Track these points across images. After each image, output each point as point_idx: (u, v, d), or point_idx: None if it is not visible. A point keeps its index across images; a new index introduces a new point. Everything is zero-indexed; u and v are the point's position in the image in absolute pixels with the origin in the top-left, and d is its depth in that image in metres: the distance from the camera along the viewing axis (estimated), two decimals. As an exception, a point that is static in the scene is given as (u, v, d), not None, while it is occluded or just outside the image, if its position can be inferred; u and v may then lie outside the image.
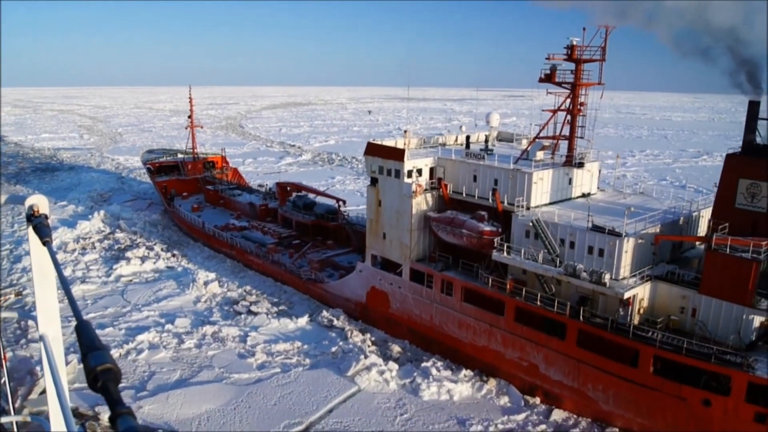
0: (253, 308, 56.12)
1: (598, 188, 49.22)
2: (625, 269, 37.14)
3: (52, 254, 5.44)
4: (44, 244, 5.64)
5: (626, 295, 35.72)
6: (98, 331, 50.00)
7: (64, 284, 4.78)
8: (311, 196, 72.98)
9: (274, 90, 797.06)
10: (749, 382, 32.32)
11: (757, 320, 34.83)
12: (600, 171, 50.07)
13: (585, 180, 47.14)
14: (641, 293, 37.07)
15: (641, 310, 37.40)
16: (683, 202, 45.32)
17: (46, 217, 6.00)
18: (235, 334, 50.65)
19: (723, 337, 34.70)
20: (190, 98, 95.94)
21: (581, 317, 37.20)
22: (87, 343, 3.53)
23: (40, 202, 6.09)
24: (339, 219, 66.08)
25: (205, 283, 61.18)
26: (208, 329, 51.35)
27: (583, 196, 47.10)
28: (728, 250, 34.23)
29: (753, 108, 37.68)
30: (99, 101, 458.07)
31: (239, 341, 49.63)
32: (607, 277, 35.99)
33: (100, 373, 3.30)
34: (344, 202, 67.85)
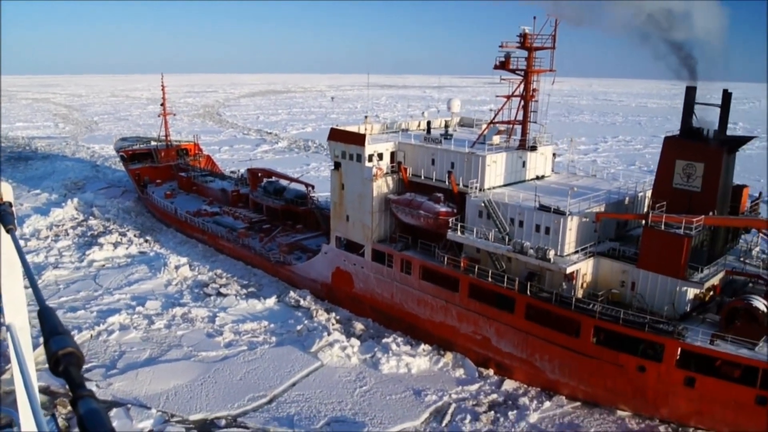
0: (223, 290, 57.77)
1: (552, 171, 51.32)
2: (569, 246, 39.29)
3: (16, 242, 5.38)
4: (8, 231, 5.51)
5: (569, 270, 37.93)
6: (69, 314, 51.20)
7: (28, 271, 4.76)
8: (282, 181, 74.49)
9: (254, 78, 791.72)
10: (680, 349, 34.73)
11: (691, 292, 37.22)
12: (555, 154, 52.16)
13: (539, 163, 49.19)
14: (584, 268, 39.29)
15: (584, 284, 39.64)
16: (631, 183, 47.59)
17: (11, 205, 5.89)
18: (204, 315, 52.25)
19: (659, 308, 37.05)
20: (162, 86, 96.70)
21: (529, 292, 39.35)
22: (49, 328, 3.51)
23: (3, 189, 5.98)
24: (308, 204, 67.70)
25: (176, 267, 62.58)
26: (178, 311, 52.89)
27: (537, 178, 49.17)
28: (663, 226, 36.49)
29: (690, 93, 39.92)
30: (75, 89, 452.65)
31: (208, 321, 51.25)
32: (551, 254, 38.13)
33: (62, 357, 3.30)
34: (313, 187, 69.42)
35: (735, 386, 33.51)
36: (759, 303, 34.14)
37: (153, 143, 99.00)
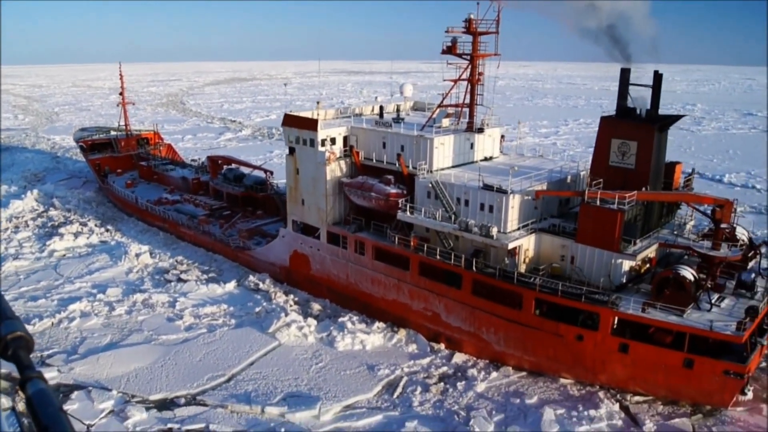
0: (183, 276, 58.70)
1: (501, 152, 53.11)
2: (512, 223, 41.13)
3: None
4: None
5: (511, 246, 39.80)
6: (30, 303, 51.74)
7: None
8: (244, 169, 75.29)
9: (219, 65, 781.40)
10: (617, 318, 36.87)
11: (626, 264, 39.35)
12: (503, 136, 53.92)
13: (487, 145, 50.91)
14: (526, 244, 41.20)
15: (527, 260, 41.58)
16: (573, 162, 49.63)
17: None
18: (164, 300, 53.15)
19: (596, 280, 39.14)
20: (120, 75, 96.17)
21: (474, 268, 41.14)
22: None
23: None
24: (268, 190, 68.72)
25: (137, 255, 63.17)
26: (139, 297, 53.71)
27: (486, 159, 50.91)
28: (599, 202, 38.49)
29: (624, 75, 41.88)
30: (35, 80, 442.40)
31: (168, 306, 52.20)
32: (494, 231, 39.92)
33: (10, 341, 3.30)
34: (272, 173, 70.40)
35: (665, 351, 35.79)
36: (686, 272, 36.35)
37: (113, 133, 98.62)
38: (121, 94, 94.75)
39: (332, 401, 38.50)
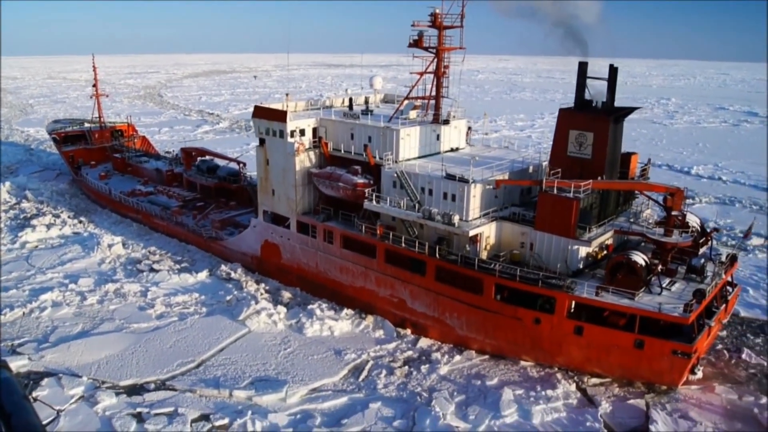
0: (156, 266, 59.35)
1: (467, 143, 54.40)
2: (473, 211, 42.43)
3: None
4: None
5: (472, 233, 41.12)
6: (2, 294, 52.00)
7: None
8: (218, 161, 75.92)
9: (199, 58, 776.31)
10: (574, 302, 38.35)
11: (583, 250, 40.81)
12: (470, 128, 55.22)
13: (453, 136, 52.14)
14: (487, 231, 42.53)
15: (488, 246, 42.92)
16: (537, 154, 51.06)
17: None
18: (136, 290, 53.83)
19: (554, 265, 40.56)
20: (94, 66, 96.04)
21: (437, 255, 42.42)
22: None
23: None
24: (241, 181, 69.47)
25: (110, 246, 63.65)
26: (111, 287, 54.33)
27: (452, 150, 52.17)
28: (556, 191, 39.91)
29: (582, 68, 43.28)
30: (8, 72, 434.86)
31: (140, 296, 52.92)
32: (456, 219, 41.20)
33: None
34: (245, 164, 71.12)
35: (617, 332, 37.37)
36: (638, 257, 37.91)
37: (87, 125, 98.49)
38: (94, 86, 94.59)
39: (299, 384, 39.62)
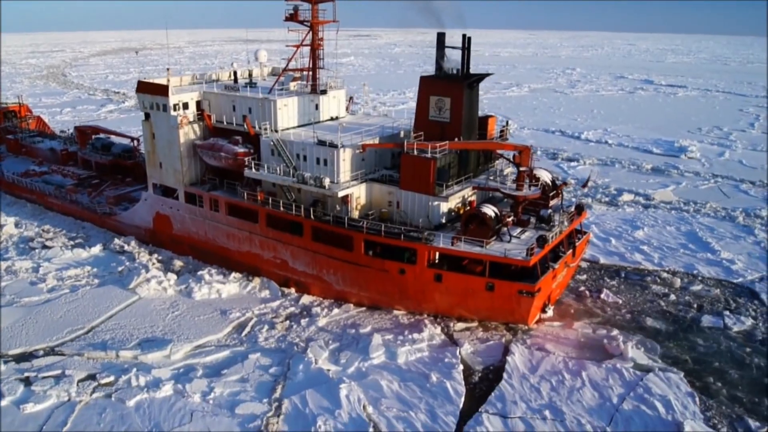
0: (49, 243, 59.96)
1: (348, 112, 57.46)
2: (344, 174, 45.66)
3: None
4: None
5: (341, 195, 44.45)
6: None
7: None
8: (114, 138, 76.10)
9: (108, 35, 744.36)
10: (437, 253, 42.26)
11: (444, 206, 44.74)
12: (351, 98, 58.27)
13: (332, 106, 55.08)
14: (357, 192, 45.92)
15: (359, 206, 46.36)
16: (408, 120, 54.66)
17: None
18: (28, 267, 54.59)
19: (418, 221, 44.39)
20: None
21: (312, 216, 45.55)
22: None
23: None
24: (135, 157, 70.26)
25: (1, 227, 63.53)
26: (2, 264, 54.76)
27: (332, 119, 55.12)
28: (416, 152, 43.59)
29: (440, 38, 46.88)
30: None
31: (32, 272, 53.74)
32: (326, 181, 44.35)
33: None
34: (138, 140, 71.80)
35: (471, 277, 41.65)
36: (488, 209, 42.12)
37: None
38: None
39: (183, 342, 42.23)
